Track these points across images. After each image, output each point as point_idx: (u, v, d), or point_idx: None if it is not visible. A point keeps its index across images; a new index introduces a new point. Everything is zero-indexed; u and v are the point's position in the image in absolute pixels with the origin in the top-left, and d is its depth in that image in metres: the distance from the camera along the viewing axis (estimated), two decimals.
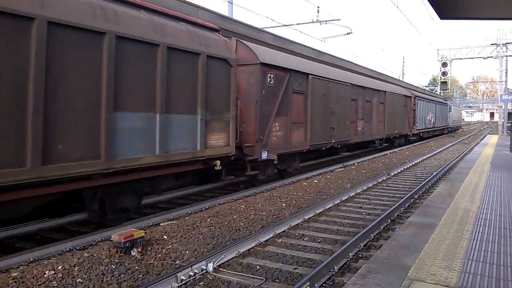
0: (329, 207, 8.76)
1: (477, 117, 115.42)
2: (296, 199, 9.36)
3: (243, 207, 8.29)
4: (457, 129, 49.31)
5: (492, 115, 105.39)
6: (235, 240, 6.35)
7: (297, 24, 21.62)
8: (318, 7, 21.63)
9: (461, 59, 36.64)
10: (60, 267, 5.00)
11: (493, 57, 34.62)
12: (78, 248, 5.83)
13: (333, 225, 7.56)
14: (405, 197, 9.40)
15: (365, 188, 11.02)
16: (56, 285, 4.65)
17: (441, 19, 7.44)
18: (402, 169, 15.00)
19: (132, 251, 5.50)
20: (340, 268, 5.33)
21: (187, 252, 5.78)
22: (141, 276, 5.00)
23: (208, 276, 5.06)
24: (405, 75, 64.01)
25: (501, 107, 36.96)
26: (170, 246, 5.93)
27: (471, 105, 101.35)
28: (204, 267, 5.14)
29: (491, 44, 34.32)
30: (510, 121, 35.08)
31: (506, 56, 34.81)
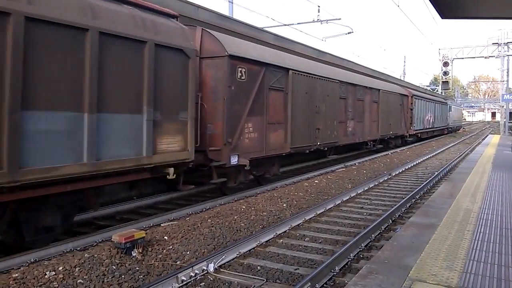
0: (330, 208, 8.75)
1: (478, 116, 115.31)
2: (297, 199, 9.35)
3: (244, 207, 8.29)
4: (458, 129, 48.60)
5: (493, 114, 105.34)
6: (236, 240, 6.35)
7: (298, 23, 21.67)
8: (319, 6, 21.67)
9: (462, 58, 36.69)
10: (61, 268, 5.00)
11: (494, 56, 34.63)
12: (78, 248, 5.83)
13: (334, 225, 7.55)
14: (406, 197, 9.40)
15: (366, 189, 11.01)
16: (57, 286, 4.65)
17: (442, 18, 7.43)
18: (404, 169, 14.99)
19: (132, 252, 5.50)
20: (341, 268, 5.32)
21: (188, 253, 5.78)
22: (141, 276, 5.00)
23: (209, 276, 5.06)
24: (406, 74, 64.14)
25: (503, 106, 36.92)
26: (171, 247, 5.93)
27: (472, 104, 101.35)
28: (205, 268, 5.14)
29: (493, 44, 34.33)
30: None
31: (508, 55, 34.80)
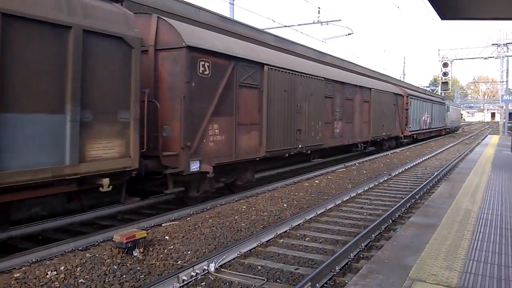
0: (330, 208, 8.77)
1: (478, 117, 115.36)
2: (298, 199, 9.37)
3: (244, 207, 8.31)
4: (456, 130, 48.11)
5: (493, 115, 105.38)
6: (236, 240, 6.37)
7: (298, 25, 21.76)
8: (319, 8, 21.77)
9: (462, 59, 36.73)
10: (62, 267, 5.02)
11: (494, 57, 34.67)
12: (80, 248, 5.84)
13: (334, 225, 7.57)
14: (406, 197, 9.42)
15: (366, 189, 11.03)
16: (59, 285, 4.67)
17: (442, 19, 7.46)
18: (403, 170, 15.01)
19: (134, 252, 5.52)
20: (341, 268, 5.34)
21: (189, 253, 5.80)
22: (143, 276, 5.02)
23: (209, 276, 5.08)
24: (406, 75, 64.18)
25: (502, 107, 36.94)
26: (172, 247, 5.95)
27: (472, 105, 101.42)
28: (206, 268, 5.16)
29: (492, 44, 34.37)
30: (511, 122, 35.09)
31: (507, 56, 34.83)
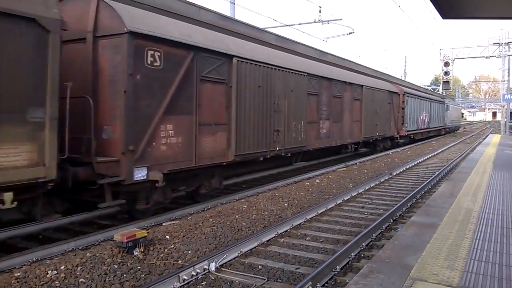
0: (331, 207, 8.76)
1: (479, 116, 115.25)
2: (298, 199, 9.36)
3: (245, 207, 8.30)
4: (456, 129, 47.34)
5: (494, 114, 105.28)
6: (237, 240, 6.36)
7: (299, 24, 21.72)
8: (320, 7, 21.67)
9: (463, 58, 36.59)
10: (62, 267, 5.02)
11: (495, 56, 34.54)
12: (80, 248, 5.85)
13: (335, 224, 7.56)
14: (407, 196, 9.41)
15: (367, 188, 11.02)
16: (59, 285, 4.67)
17: (443, 18, 7.43)
18: (404, 169, 14.99)
19: (134, 251, 5.52)
20: (342, 268, 5.34)
21: (190, 252, 5.80)
22: (143, 276, 5.02)
23: (210, 276, 5.08)
24: (407, 74, 64.11)
25: (504, 106, 36.87)
26: (173, 246, 5.94)
27: (473, 104, 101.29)
28: (207, 267, 5.16)
29: (494, 44, 34.24)
30: None
31: (509, 55, 34.73)
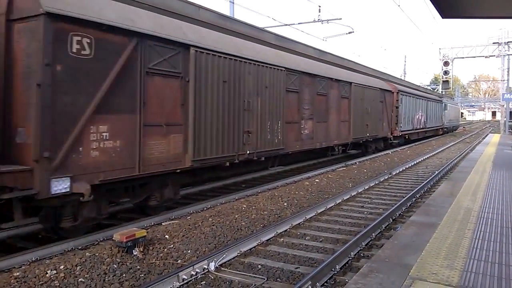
0: (331, 206, 8.76)
1: (479, 116, 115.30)
2: (298, 198, 9.36)
3: (244, 206, 8.30)
4: (455, 129, 46.48)
5: (494, 114, 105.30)
6: (236, 239, 6.36)
7: (299, 23, 21.67)
8: (320, 6, 21.63)
9: (463, 58, 36.63)
10: (62, 266, 5.02)
11: (495, 55, 34.59)
12: (80, 247, 5.84)
13: (334, 224, 7.56)
14: (407, 196, 9.40)
15: (366, 187, 11.01)
16: (58, 284, 4.66)
17: (442, 18, 7.44)
18: (404, 168, 14.99)
19: (134, 251, 5.51)
20: (341, 267, 5.33)
21: (189, 252, 5.79)
22: (143, 275, 5.02)
23: (209, 275, 5.07)
24: (406, 74, 64.10)
25: (503, 106, 36.89)
26: (172, 246, 5.94)
27: (473, 104, 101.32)
28: (206, 267, 5.15)
29: (493, 43, 34.29)
30: None
31: (508, 54, 34.76)
